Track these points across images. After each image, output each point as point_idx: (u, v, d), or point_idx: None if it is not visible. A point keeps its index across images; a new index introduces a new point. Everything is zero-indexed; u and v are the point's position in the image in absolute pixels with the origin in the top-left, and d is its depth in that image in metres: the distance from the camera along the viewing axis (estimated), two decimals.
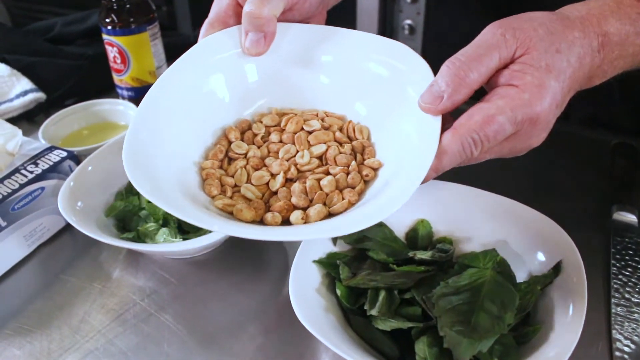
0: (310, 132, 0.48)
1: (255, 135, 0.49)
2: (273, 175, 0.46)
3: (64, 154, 0.61)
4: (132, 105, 0.77)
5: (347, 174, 0.45)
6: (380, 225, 0.51)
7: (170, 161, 0.45)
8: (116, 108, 0.77)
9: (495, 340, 0.40)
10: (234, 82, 0.50)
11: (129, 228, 0.57)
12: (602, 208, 0.61)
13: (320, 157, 0.47)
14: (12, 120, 0.77)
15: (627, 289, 0.51)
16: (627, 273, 0.53)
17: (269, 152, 0.48)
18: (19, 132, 0.61)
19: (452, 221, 0.52)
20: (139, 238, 0.55)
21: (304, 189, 0.44)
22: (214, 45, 0.49)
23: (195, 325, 0.50)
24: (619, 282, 0.52)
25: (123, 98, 0.81)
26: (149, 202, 0.58)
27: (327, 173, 0.46)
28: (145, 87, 0.79)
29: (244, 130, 0.50)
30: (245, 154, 0.48)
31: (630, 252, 0.55)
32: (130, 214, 0.57)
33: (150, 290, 0.53)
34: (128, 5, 0.73)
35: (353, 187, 0.45)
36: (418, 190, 0.52)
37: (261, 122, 0.50)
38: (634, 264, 0.53)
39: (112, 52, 0.76)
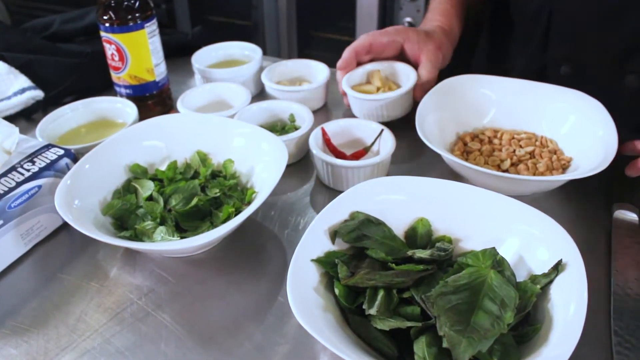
0: (519, 140, 0.68)
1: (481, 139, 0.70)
2: (502, 160, 0.66)
3: (61, 151, 0.60)
4: (130, 102, 0.76)
5: (552, 162, 0.65)
6: (379, 223, 0.51)
7: None
8: (114, 106, 0.77)
9: (494, 339, 0.40)
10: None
11: (126, 226, 0.57)
12: (603, 207, 0.61)
13: (530, 153, 0.66)
14: (10, 118, 0.77)
15: (628, 287, 0.51)
16: (628, 272, 0.52)
17: (493, 149, 0.68)
18: (16, 129, 0.61)
19: (451, 220, 0.52)
20: (137, 236, 0.55)
21: (526, 167, 0.65)
22: None
23: (192, 324, 0.50)
24: (619, 280, 0.51)
25: (121, 96, 0.80)
26: (146, 200, 0.58)
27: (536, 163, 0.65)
28: (143, 85, 0.79)
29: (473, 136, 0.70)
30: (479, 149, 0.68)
31: (631, 251, 0.54)
32: (127, 212, 0.57)
33: (147, 289, 0.53)
34: (126, 3, 0.73)
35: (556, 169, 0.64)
36: (417, 189, 0.53)
37: (483, 133, 0.70)
38: (634, 262, 0.53)
39: (109, 50, 0.76)
